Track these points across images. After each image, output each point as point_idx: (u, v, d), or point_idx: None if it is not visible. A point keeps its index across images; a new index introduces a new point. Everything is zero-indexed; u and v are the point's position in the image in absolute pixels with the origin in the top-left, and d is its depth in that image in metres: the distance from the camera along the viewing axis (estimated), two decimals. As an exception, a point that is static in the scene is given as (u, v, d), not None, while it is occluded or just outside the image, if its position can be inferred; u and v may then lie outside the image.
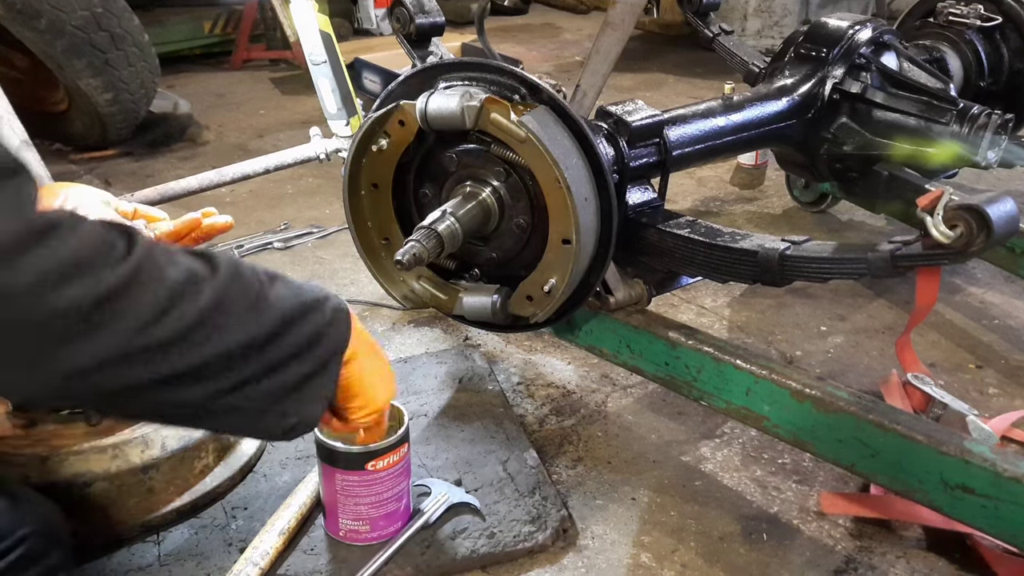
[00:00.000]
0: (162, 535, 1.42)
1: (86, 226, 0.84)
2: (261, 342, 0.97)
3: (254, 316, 0.97)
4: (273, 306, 0.99)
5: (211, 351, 0.91)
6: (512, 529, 1.43)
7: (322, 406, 1.11)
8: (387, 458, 1.34)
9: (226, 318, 0.93)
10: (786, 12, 4.79)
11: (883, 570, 1.40)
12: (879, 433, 1.32)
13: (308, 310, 1.04)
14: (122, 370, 0.85)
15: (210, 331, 0.91)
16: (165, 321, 0.86)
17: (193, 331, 0.89)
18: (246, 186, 2.91)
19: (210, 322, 0.91)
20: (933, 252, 1.25)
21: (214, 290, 0.92)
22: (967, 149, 1.84)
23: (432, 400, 1.78)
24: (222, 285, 0.94)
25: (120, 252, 0.85)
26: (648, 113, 1.62)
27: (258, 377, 0.97)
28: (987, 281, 2.33)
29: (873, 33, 1.99)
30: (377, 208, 1.63)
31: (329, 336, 1.07)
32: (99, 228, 0.85)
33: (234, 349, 0.94)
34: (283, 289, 1.02)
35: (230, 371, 0.94)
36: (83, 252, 0.82)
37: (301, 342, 1.02)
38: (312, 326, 1.04)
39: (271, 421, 1.04)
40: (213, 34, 4.84)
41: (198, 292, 0.91)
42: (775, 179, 2.96)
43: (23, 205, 0.80)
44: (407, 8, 1.82)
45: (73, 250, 0.81)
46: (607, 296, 1.61)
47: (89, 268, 0.82)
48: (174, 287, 0.88)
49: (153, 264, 0.87)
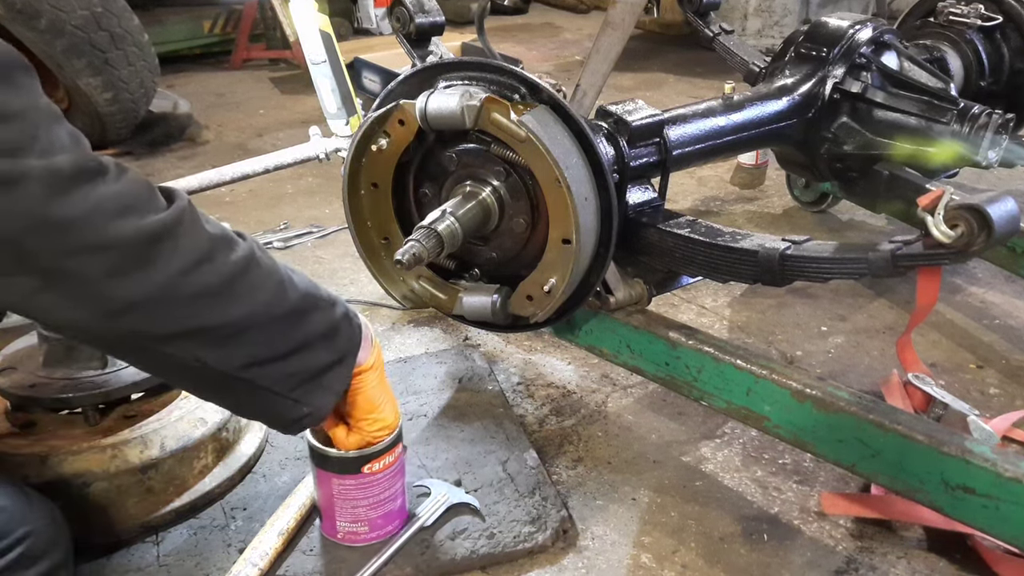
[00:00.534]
0: (161, 535, 1.42)
1: (131, 174, 0.91)
2: (288, 316, 1.00)
3: (283, 289, 1.01)
4: (297, 287, 1.03)
5: (243, 311, 0.96)
6: (512, 530, 1.43)
7: (333, 401, 1.13)
8: (383, 460, 1.34)
9: (260, 279, 0.98)
10: (786, 12, 4.79)
11: (884, 570, 1.40)
12: (880, 433, 1.31)
13: (326, 302, 1.07)
14: (165, 311, 0.90)
15: (245, 289, 0.96)
16: (206, 268, 0.92)
17: (230, 284, 0.94)
18: (245, 185, 2.91)
19: (245, 280, 0.96)
20: (934, 252, 1.25)
21: (247, 251, 0.97)
22: (968, 149, 1.83)
23: (432, 400, 1.78)
24: (252, 250, 0.99)
25: (162, 202, 0.92)
26: (648, 113, 1.62)
27: (283, 355, 1.01)
28: (988, 281, 2.33)
29: (873, 33, 1.99)
30: (377, 208, 1.63)
31: (344, 332, 1.11)
32: (142, 178, 0.92)
33: (263, 315, 0.97)
34: (300, 278, 1.06)
35: (258, 339, 0.98)
36: (132, 193, 0.89)
37: (322, 330, 1.06)
38: (331, 316, 1.08)
39: (284, 407, 1.07)
40: (213, 34, 4.84)
41: (233, 248, 0.96)
42: (775, 179, 2.96)
43: (78, 144, 0.88)
44: (407, 7, 1.82)
45: (123, 190, 0.88)
46: (607, 296, 1.61)
47: (137, 208, 0.88)
48: (213, 239, 0.94)
49: (193, 217, 0.93)
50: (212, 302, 0.93)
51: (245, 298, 0.96)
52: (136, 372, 1.47)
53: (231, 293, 0.94)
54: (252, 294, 0.97)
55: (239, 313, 0.95)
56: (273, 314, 0.99)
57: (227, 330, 0.95)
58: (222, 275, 0.94)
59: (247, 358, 0.98)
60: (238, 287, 0.95)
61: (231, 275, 0.94)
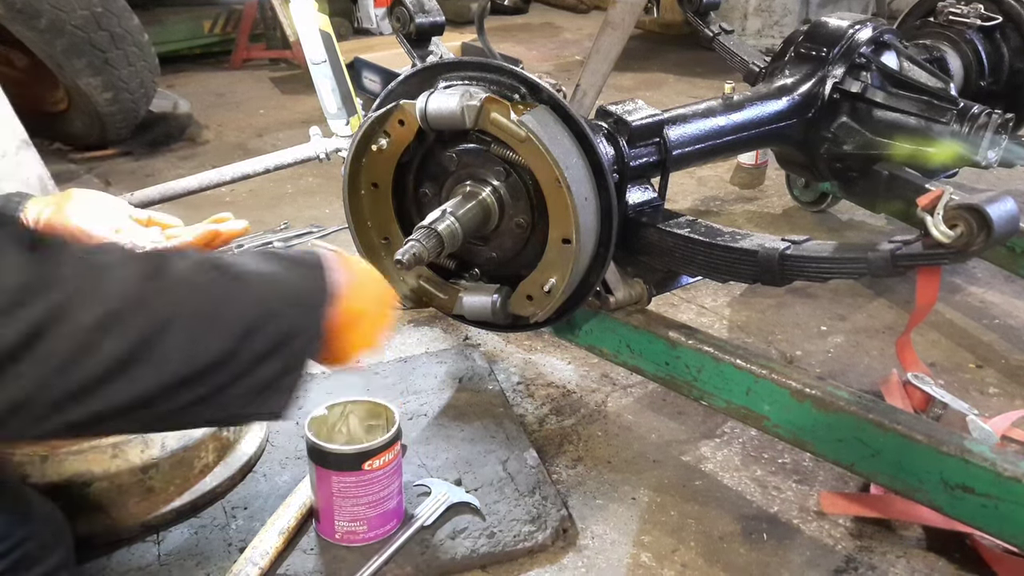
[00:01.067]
0: (162, 535, 1.42)
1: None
2: (219, 359, 0.89)
3: (207, 333, 0.89)
4: (231, 318, 0.91)
5: (153, 382, 0.84)
6: (512, 529, 1.43)
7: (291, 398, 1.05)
8: (382, 457, 1.35)
9: (173, 341, 0.85)
10: (786, 11, 4.78)
11: (883, 570, 1.40)
12: (879, 433, 1.31)
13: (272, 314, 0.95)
14: (46, 412, 0.80)
15: (150, 361, 0.84)
16: (86, 362, 0.80)
17: (127, 365, 0.82)
18: (246, 185, 2.91)
19: (148, 352, 0.84)
20: (933, 252, 1.25)
21: (152, 316, 0.85)
22: (967, 149, 1.84)
23: (432, 400, 1.78)
24: (167, 303, 0.86)
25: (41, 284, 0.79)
26: (648, 112, 1.62)
27: (218, 390, 0.90)
28: (987, 280, 2.33)
29: (873, 32, 1.99)
30: (377, 207, 1.63)
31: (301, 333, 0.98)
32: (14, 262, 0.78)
33: (185, 373, 0.87)
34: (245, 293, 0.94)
35: (181, 393, 0.88)
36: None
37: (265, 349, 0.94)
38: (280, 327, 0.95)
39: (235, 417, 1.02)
40: (213, 33, 4.84)
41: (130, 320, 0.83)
42: (775, 178, 2.96)
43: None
44: (407, 7, 1.82)
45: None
46: (607, 296, 1.61)
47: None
48: (98, 322, 0.81)
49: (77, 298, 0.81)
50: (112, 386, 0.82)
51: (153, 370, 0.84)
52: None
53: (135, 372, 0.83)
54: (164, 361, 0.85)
55: (152, 383, 0.85)
56: (204, 365, 0.88)
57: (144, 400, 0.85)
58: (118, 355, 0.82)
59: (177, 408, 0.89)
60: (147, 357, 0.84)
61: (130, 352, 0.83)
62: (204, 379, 0.89)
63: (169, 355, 0.85)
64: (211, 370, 0.90)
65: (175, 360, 0.86)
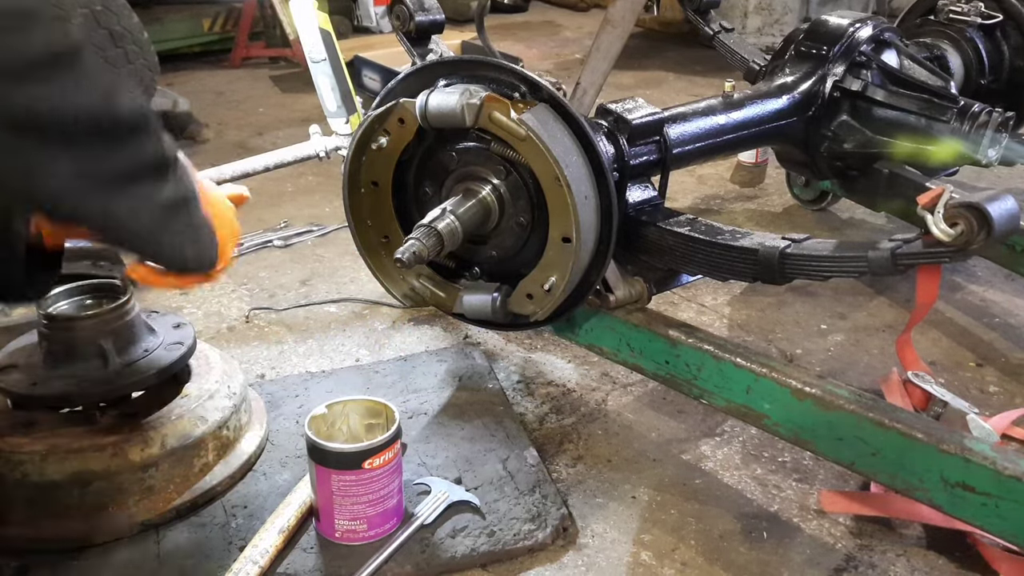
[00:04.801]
0: (162, 533, 1.42)
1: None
2: (121, 123, 0.96)
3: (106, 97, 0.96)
4: (124, 104, 0.98)
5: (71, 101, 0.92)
6: (512, 527, 1.43)
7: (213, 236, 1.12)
8: (382, 455, 1.35)
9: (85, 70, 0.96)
10: (786, 10, 4.79)
11: (883, 568, 1.40)
12: (879, 431, 1.31)
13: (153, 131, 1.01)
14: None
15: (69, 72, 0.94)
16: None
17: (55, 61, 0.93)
18: (246, 184, 2.89)
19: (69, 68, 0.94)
20: (934, 250, 1.25)
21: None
22: (968, 147, 1.84)
23: (432, 398, 1.78)
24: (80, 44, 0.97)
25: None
26: (648, 111, 1.62)
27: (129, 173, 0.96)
28: (988, 279, 2.33)
29: (874, 31, 1.99)
30: (377, 206, 1.63)
31: (184, 173, 1.08)
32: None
33: (98, 112, 0.93)
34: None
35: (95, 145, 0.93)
36: None
37: (158, 159, 1.01)
38: (160, 149, 1.02)
39: (169, 242, 1.06)
40: (212, 32, 4.83)
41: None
42: (775, 177, 2.95)
43: None
44: (407, 5, 1.82)
45: None
46: (607, 294, 1.61)
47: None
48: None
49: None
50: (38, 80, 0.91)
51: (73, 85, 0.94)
52: (137, 370, 1.47)
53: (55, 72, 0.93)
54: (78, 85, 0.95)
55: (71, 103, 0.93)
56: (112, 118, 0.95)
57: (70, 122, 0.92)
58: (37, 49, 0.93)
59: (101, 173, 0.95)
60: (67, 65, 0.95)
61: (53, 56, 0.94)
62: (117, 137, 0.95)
63: (81, 84, 0.94)
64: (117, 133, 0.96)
65: (86, 90, 0.94)
